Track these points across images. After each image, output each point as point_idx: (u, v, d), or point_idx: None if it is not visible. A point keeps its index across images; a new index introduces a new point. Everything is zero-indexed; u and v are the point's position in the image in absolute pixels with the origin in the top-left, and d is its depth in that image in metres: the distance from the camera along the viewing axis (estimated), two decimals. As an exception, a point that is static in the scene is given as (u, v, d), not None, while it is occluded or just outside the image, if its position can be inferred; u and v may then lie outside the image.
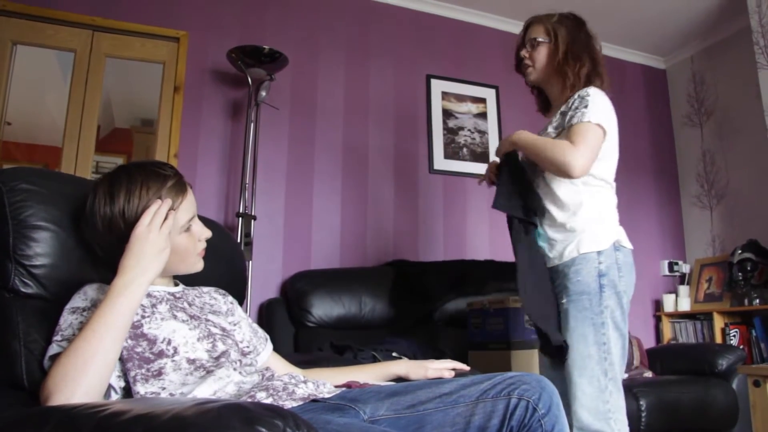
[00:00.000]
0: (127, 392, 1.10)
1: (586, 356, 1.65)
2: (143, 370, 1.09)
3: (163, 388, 1.09)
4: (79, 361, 0.97)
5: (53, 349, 1.07)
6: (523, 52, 1.90)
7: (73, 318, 1.11)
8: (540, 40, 1.87)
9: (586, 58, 1.82)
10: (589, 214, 1.74)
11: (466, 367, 1.46)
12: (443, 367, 1.43)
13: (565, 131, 1.72)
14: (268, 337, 1.45)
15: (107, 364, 1.00)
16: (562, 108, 1.81)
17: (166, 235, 1.12)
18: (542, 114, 2.03)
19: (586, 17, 1.96)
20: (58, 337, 1.08)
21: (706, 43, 4.30)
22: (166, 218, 1.14)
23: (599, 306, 1.66)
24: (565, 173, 1.66)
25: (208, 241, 1.31)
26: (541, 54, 1.86)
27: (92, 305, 1.13)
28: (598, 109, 1.69)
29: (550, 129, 1.82)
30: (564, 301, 1.71)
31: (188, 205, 1.23)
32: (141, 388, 1.08)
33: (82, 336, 1.00)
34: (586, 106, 1.69)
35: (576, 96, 1.75)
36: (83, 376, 0.96)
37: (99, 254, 1.21)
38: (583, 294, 1.67)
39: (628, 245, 1.77)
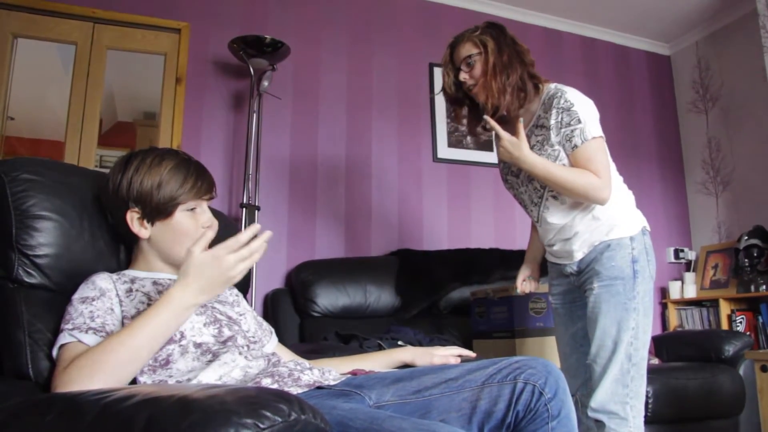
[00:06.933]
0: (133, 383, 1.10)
1: (615, 340, 1.66)
2: (150, 360, 1.09)
3: (170, 376, 1.09)
4: (110, 360, 0.97)
5: (64, 338, 1.06)
6: (463, 76, 1.80)
7: (83, 307, 1.10)
8: (474, 54, 1.78)
9: (516, 64, 1.76)
10: (612, 200, 1.74)
11: (472, 354, 1.46)
12: (449, 354, 1.43)
13: (565, 148, 1.71)
14: (273, 330, 1.45)
15: (132, 370, 1.00)
16: (540, 122, 1.76)
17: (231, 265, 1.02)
18: (471, 132, 1.94)
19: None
20: (69, 326, 1.07)
21: (712, 28, 4.26)
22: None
23: (632, 291, 1.67)
24: (595, 204, 1.72)
25: None
26: (479, 69, 1.77)
27: (101, 294, 1.13)
28: (589, 117, 1.69)
29: (549, 149, 1.73)
30: (595, 285, 1.71)
31: (193, 187, 1.24)
32: (147, 379, 1.08)
33: (119, 338, 0.99)
34: (579, 120, 1.67)
35: (559, 108, 1.70)
36: (108, 375, 0.96)
37: (109, 221, 1.28)
38: (617, 279, 1.68)
39: (649, 228, 1.80)
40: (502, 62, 1.75)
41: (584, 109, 1.70)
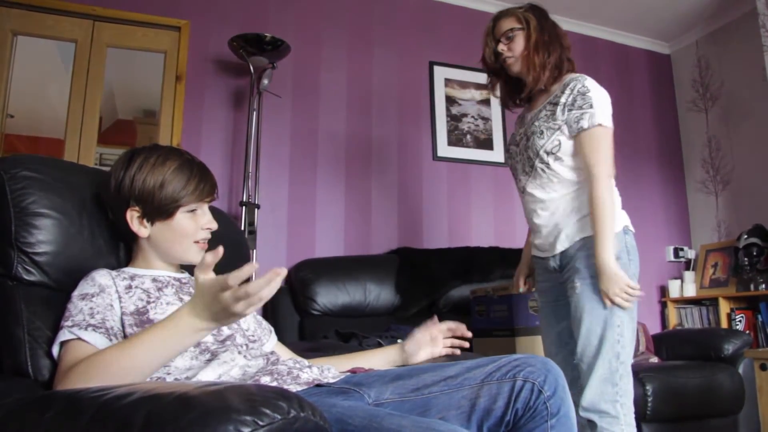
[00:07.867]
0: None
1: (600, 338, 1.66)
2: None
3: (168, 374, 1.09)
4: (104, 372, 0.96)
5: (64, 335, 1.06)
6: (501, 47, 1.87)
7: (83, 304, 1.10)
8: (516, 28, 1.86)
9: (557, 45, 1.85)
10: None
11: (462, 326, 1.51)
12: (438, 327, 1.51)
13: (572, 129, 1.75)
14: (272, 328, 1.45)
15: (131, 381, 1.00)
16: (554, 99, 1.82)
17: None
18: (505, 104, 2.02)
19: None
20: (68, 323, 1.07)
21: (711, 27, 4.26)
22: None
23: None
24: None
25: (213, 231, 1.30)
26: (519, 43, 1.85)
27: (101, 291, 1.13)
28: (602, 106, 1.74)
29: (552, 122, 1.79)
30: (577, 284, 1.72)
31: (196, 189, 1.24)
32: (145, 376, 1.08)
33: (116, 355, 0.98)
34: (591, 106, 1.72)
35: (575, 90, 1.76)
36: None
37: (110, 217, 1.26)
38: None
39: (632, 228, 1.80)
40: (543, 40, 1.83)
41: (599, 97, 1.75)
